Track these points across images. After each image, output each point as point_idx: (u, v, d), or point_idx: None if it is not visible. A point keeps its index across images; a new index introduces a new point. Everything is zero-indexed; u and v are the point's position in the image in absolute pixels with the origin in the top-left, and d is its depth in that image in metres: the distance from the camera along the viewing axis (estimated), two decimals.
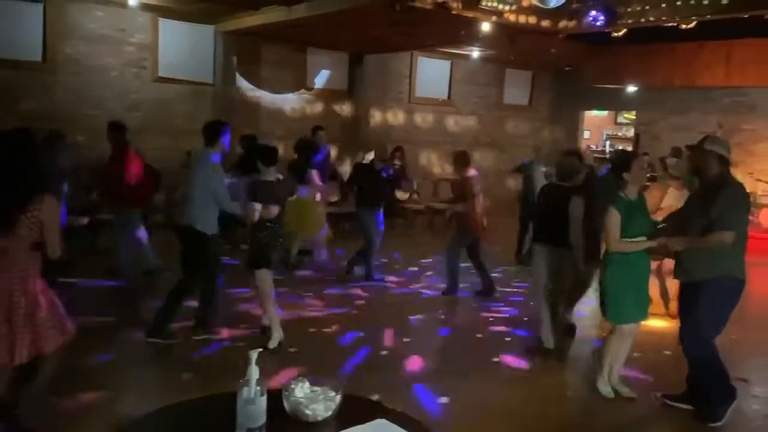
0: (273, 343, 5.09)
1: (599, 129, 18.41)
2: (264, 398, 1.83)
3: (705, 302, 4.00)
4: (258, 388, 1.82)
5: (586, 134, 17.48)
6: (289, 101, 12.02)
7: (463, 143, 14.67)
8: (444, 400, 4.38)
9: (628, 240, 4.17)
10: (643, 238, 4.20)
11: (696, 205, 4.13)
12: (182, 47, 10.81)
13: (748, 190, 4.15)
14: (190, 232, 5.11)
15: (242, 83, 11.31)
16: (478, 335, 5.97)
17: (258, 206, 4.89)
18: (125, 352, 5.03)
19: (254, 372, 1.83)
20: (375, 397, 4.08)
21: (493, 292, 7.20)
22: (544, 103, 16.57)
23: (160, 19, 10.44)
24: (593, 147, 17.55)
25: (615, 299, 4.29)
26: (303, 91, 12.21)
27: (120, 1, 9.64)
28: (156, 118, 10.44)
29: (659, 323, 6.21)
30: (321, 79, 12.54)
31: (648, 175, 7.82)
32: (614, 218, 4.15)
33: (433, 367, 5.12)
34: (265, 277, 5.10)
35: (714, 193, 3.96)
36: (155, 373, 4.77)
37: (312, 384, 1.96)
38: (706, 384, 4.16)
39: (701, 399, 4.21)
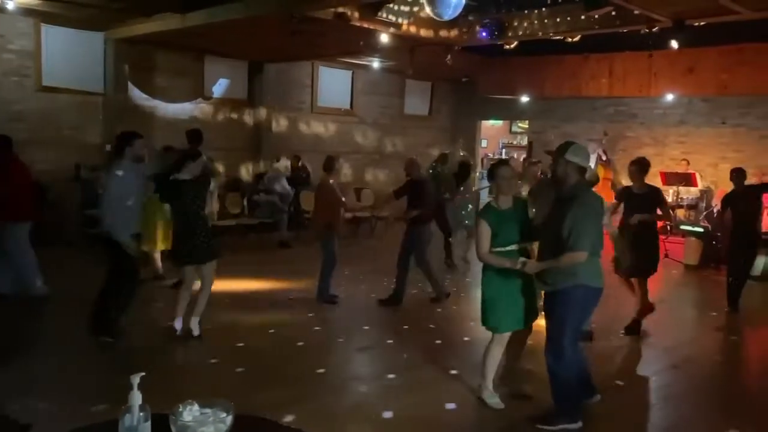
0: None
1: (496, 138, 19.09)
2: (148, 424, 1.75)
3: (562, 311, 4.06)
4: (141, 414, 1.73)
5: (484, 143, 18.08)
6: (186, 110, 11.68)
7: (366, 152, 14.84)
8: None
9: (496, 250, 4.21)
10: (514, 247, 4.23)
11: (553, 216, 4.11)
12: (69, 55, 10.26)
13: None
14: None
15: (135, 92, 10.87)
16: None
17: None
18: None
19: (136, 397, 1.74)
20: None
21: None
22: (443, 114, 17.01)
23: (42, 25, 9.86)
24: (490, 155, 18.20)
25: (491, 306, 4.33)
26: (200, 99, 11.90)
27: None
28: (42, 129, 9.84)
29: None
30: (220, 87, 12.28)
31: None
32: (483, 228, 4.21)
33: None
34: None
35: (569, 204, 3.97)
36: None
37: (201, 406, 1.88)
38: (554, 392, 4.18)
39: (555, 403, 4.20)
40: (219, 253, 5.78)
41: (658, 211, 6.42)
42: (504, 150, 18.76)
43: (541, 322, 4.38)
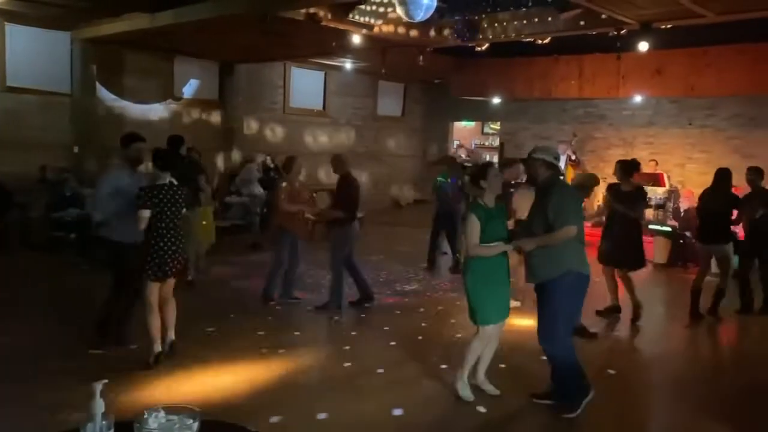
0: (151, 359, 5.00)
1: (468, 139, 19.20)
2: None
3: (554, 299, 4.25)
4: (104, 422, 1.69)
5: (456, 144, 18.17)
6: (156, 111, 11.53)
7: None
8: (322, 415, 4.33)
9: (486, 245, 4.36)
10: (500, 244, 4.39)
11: (535, 210, 4.42)
12: (35, 55, 10.07)
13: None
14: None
15: (103, 93, 10.71)
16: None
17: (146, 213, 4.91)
18: None
19: (99, 406, 1.70)
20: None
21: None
22: (416, 115, 17.06)
23: (7, 24, 9.67)
24: (463, 156, 18.28)
25: (477, 303, 4.46)
26: (170, 100, 11.75)
27: None
28: (6, 131, 9.62)
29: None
30: (190, 88, 12.15)
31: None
32: (473, 224, 4.35)
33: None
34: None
35: (547, 194, 4.29)
36: None
37: (168, 413, 1.85)
38: (563, 378, 4.41)
39: (561, 392, 4.45)
40: None
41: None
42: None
43: (517, 322, 4.43)
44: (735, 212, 7.16)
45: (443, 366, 5.25)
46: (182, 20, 8.32)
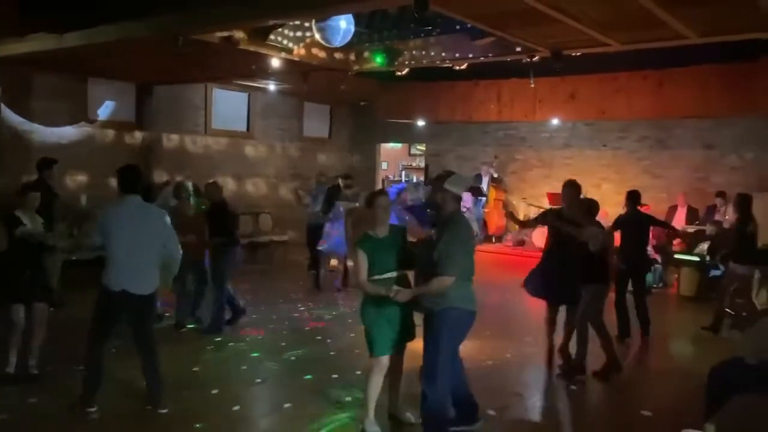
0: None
1: (396, 160, 19.36)
2: None
3: (436, 333, 4.17)
4: None
5: (384, 165, 18.27)
6: (68, 134, 11.06)
7: (265, 176, 14.62)
8: None
9: (374, 278, 4.30)
10: (392, 274, 4.33)
11: (430, 242, 4.32)
12: None
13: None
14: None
15: (9, 116, 10.18)
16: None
17: None
18: None
19: None
20: None
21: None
22: (343, 136, 17.06)
23: None
24: (391, 177, 18.41)
25: (371, 333, 4.40)
26: (84, 123, 11.31)
27: None
28: None
29: None
30: (105, 110, 11.73)
31: None
32: (360, 257, 4.31)
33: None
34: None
35: (443, 231, 4.20)
36: None
37: None
38: (422, 414, 4.27)
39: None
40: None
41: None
42: (404, 172, 19.05)
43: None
44: None
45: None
46: (91, 42, 8.00)
